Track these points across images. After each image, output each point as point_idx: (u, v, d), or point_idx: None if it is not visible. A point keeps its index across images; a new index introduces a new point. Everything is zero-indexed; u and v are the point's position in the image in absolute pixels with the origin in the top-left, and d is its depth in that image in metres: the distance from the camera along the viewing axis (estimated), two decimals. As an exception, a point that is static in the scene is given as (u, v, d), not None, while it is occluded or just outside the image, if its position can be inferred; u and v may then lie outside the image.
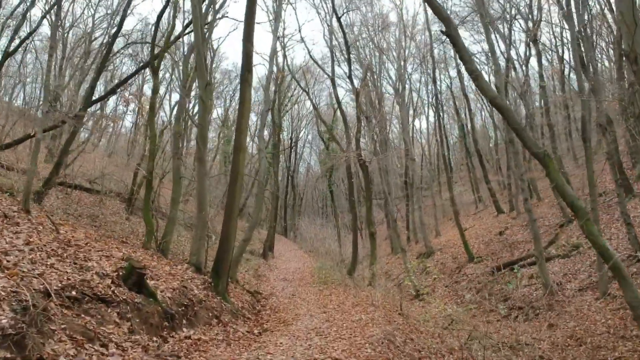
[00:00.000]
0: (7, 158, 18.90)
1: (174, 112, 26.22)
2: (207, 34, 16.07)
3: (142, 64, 18.85)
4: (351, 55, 25.05)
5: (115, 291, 7.08)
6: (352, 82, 22.61)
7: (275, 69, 26.16)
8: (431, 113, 61.14)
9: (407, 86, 31.40)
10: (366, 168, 20.89)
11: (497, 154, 45.60)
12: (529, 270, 18.82)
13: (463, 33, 34.19)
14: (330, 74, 25.40)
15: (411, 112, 43.18)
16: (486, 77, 21.87)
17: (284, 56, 31.99)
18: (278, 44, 28.81)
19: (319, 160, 56.09)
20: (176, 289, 8.68)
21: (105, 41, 26.03)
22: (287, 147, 53.51)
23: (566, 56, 32.27)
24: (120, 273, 7.66)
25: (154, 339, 7.06)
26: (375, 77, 30.72)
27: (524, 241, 23.52)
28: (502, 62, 25.24)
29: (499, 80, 18.04)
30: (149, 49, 18.41)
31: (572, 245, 18.56)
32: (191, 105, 33.60)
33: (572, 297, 14.67)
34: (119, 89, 18.07)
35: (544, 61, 32.18)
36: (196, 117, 17.74)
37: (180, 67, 17.93)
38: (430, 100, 45.37)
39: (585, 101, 14.08)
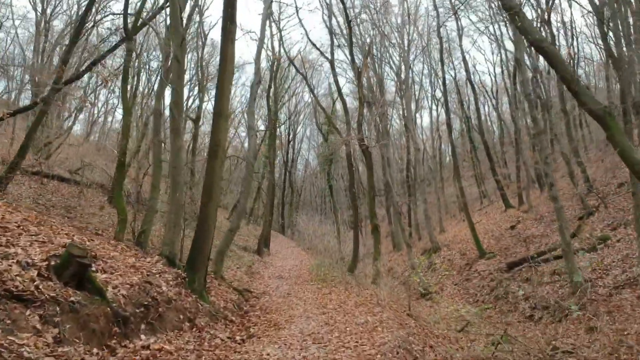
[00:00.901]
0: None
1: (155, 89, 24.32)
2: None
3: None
4: (352, 39, 23.22)
5: (41, 286, 5.22)
6: (352, 61, 20.72)
7: (268, 33, 24.32)
8: (434, 107, 59.11)
9: (410, 73, 29.49)
10: (369, 154, 19.01)
11: (503, 147, 43.94)
12: (549, 266, 16.99)
13: None
14: (330, 57, 23.54)
15: (413, 105, 41.43)
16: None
17: (280, 40, 30.18)
18: (274, 26, 27.04)
19: (317, 154, 54.21)
20: (135, 285, 6.81)
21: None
22: (285, 142, 51.80)
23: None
24: (53, 263, 5.76)
25: (95, 350, 5.21)
26: (377, 62, 28.92)
27: (539, 235, 21.76)
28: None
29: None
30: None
31: (598, 238, 16.69)
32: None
33: (607, 295, 12.79)
34: (95, 66, 16.12)
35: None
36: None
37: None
38: (433, 93, 43.85)
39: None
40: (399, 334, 8.35)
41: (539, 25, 26.04)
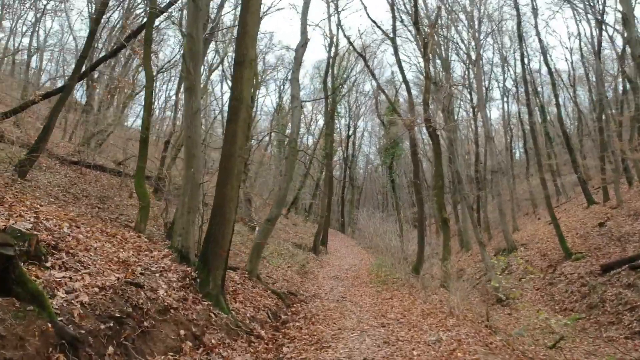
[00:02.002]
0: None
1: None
2: None
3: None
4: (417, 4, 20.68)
5: None
6: (418, 30, 18.27)
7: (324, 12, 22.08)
8: (504, 98, 55.26)
9: (481, 52, 26.48)
10: (436, 138, 16.53)
11: (582, 139, 40.15)
12: (657, 269, 14.09)
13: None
14: (392, 34, 21.22)
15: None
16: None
17: (338, 24, 28.06)
18: (331, 6, 24.90)
19: (378, 150, 51.70)
20: (110, 288, 4.85)
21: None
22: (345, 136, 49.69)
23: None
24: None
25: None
26: (442, 41, 26.26)
27: (636, 234, 18.63)
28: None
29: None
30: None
31: None
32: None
33: None
34: (128, 43, 14.47)
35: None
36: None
37: None
38: (503, 83, 40.52)
39: None
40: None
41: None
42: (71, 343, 3.89)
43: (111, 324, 4.39)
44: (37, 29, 31.06)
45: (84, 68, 14.01)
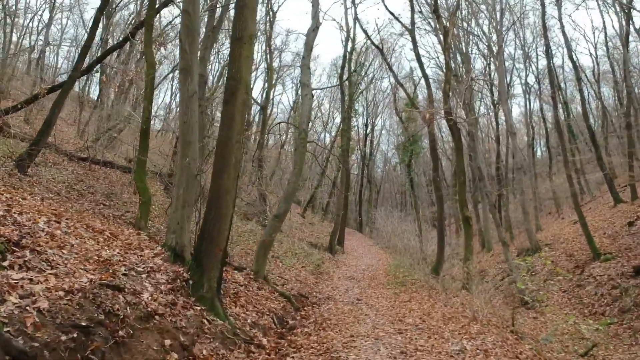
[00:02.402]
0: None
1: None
2: None
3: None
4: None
5: None
6: (438, 18, 17.35)
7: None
8: (526, 95, 53.98)
9: (503, 45, 25.45)
10: (457, 131, 15.65)
11: (607, 136, 38.86)
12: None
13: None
14: (410, 26, 20.38)
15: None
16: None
17: (355, 17, 27.28)
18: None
19: (396, 147, 50.67)
20: (79, 291, 4.12)
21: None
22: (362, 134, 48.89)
23: None
24: None
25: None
26: (463, 35, 25.32)
27: (670, 233, 17.65)
28: None
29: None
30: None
31: None
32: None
33: None
34: (136, 34, 13.88)
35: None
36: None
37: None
38: (525, 79, 39.48)
39: None
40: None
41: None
42: (18, 358, 3.20)
43: (75, 335, 3.70)
44: (50, 25, 30.84)
45: (88, 60, 13.48)
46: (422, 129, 27.31)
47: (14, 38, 30.31)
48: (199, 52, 9.30)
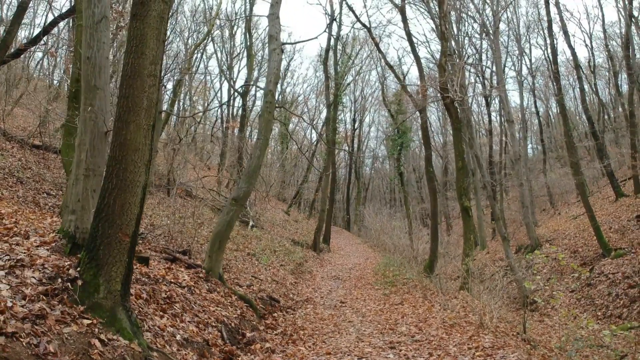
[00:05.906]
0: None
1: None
2: None
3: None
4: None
5: None
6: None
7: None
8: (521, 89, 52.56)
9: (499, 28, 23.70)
10: (455, 110, 13.82)
11: (604, 129, 37.49)
12: None
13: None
14: (400, 2, 18.70)
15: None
16: None
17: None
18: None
19: (385, 138, 48.85)
20: None
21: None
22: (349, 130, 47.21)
23: None
24: None
25: None
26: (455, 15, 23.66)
27: (686, 226, 16.05)
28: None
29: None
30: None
31: None
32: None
33: None
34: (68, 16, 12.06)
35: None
36: None
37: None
38: (518, 69, 37.88)
39: None
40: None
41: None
42: None
43: None
44: None
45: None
46: (414, 113, 25.60)
47: None
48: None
